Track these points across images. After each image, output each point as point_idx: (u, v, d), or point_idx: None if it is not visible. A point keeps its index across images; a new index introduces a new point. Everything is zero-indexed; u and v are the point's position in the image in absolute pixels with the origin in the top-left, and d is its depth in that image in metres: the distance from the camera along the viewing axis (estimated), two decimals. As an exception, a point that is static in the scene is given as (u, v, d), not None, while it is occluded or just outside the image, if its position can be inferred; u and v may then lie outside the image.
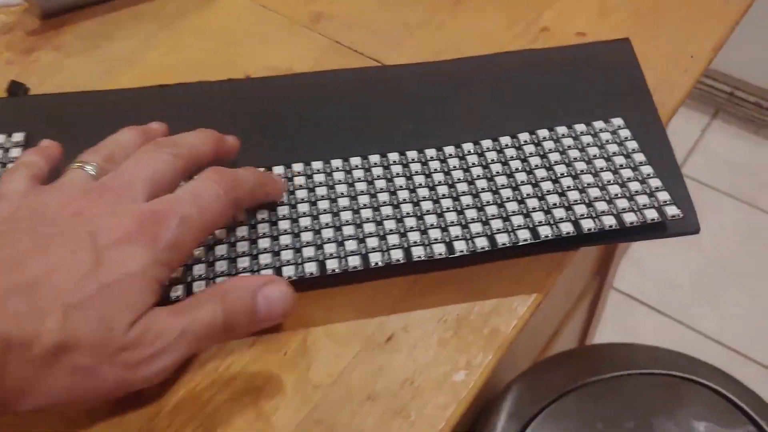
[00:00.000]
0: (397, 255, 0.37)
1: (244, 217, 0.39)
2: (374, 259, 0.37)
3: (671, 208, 0.38)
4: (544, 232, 0.37)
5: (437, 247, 0.37)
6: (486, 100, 0.45)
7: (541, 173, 0.40)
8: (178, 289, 0.35)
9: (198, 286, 0.36)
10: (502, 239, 0.37)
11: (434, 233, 0.38)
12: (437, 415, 0.34)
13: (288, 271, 0.36)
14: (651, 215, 0.38)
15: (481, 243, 0.37)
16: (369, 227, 0.38)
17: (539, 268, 0.38)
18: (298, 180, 0.40)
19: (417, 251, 0.37)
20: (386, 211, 0.39)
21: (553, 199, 0.39)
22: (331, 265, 0.37)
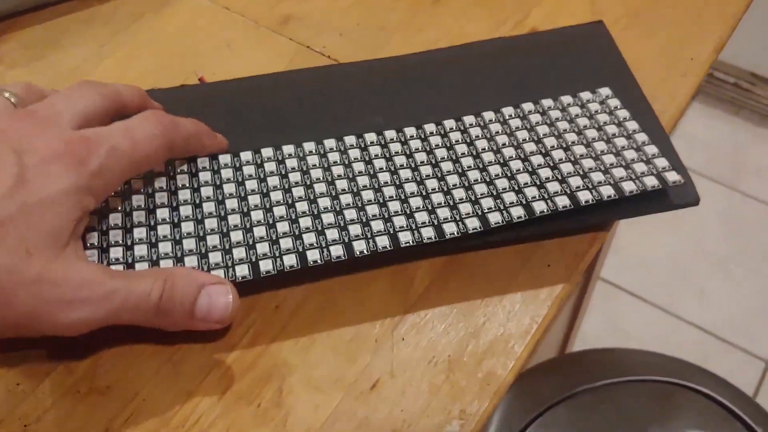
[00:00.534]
0: (380, 243, 0.35)
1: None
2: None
3: (671, 174, 0.37)
4: (539, 207, 0.36)
5: (426, 231, 0.36)
6: (462, 88, 0.42)
7: (530, 147, 0.38)
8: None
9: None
10: (495, 218, 0.36)
11: (421, 216, 0.36)
12: (430, 475, 0.32)
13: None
14: (651, 182, 0.36)
15: (473, 224, 0.36)
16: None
17: (535, 298, 0.36)
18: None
19: (405, 236, 0.35)
20: (367, 195, 0.37)
21: (546, 173, 0.37)
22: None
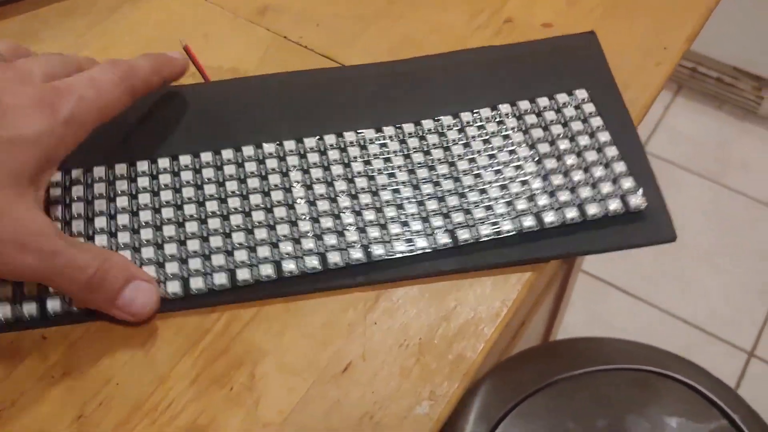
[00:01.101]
0: (354, 255, 0.36)
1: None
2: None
3: (635, 198, 0.38)
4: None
5: (397, 245, 0.37)
6: (446, 97, 0.42)
7: (503, 157, 0.39)
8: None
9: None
10: (463, 235, 0.37)
11: (394, 228, 0.37)
12: (399, 455, 0.32)
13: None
14: (614, 206, 0.37)
15: (443, 240, 0.37)
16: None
17: (506, 282, 0.36)
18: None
19: (376, 250, 0.36)
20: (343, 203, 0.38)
21: (515, 188, 0.38)
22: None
